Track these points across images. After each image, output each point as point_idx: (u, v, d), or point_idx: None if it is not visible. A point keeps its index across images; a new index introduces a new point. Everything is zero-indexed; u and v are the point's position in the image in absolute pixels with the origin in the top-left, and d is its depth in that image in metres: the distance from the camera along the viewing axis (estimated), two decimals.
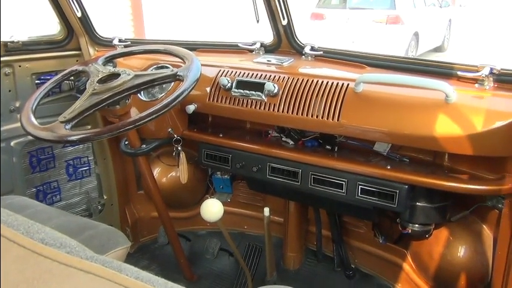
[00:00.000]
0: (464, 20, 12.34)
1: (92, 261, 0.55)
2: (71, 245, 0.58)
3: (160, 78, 1.57)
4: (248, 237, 2.49)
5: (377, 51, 1.93)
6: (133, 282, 0.52)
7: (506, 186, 1.48)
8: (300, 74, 1.77)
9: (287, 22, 1.91)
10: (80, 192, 2.48)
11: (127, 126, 1.41)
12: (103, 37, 2.30)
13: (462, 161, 1.63)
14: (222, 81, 1.82)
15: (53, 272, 0.51)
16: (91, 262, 0.55)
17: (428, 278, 1.91)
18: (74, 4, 2.13)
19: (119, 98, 1.54)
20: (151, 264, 2.43)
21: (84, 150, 2.44)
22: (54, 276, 0.51)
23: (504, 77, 1.50)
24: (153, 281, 0.54)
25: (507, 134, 1.41)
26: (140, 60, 2.09)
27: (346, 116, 1.61)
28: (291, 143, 1.86)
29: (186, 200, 2.45)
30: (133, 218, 2.55)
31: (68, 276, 0.51)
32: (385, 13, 8.62)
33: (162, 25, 8.40)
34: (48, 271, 0.51)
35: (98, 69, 1.65)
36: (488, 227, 1.75)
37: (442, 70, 1.63)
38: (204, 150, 1.99)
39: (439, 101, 1.47)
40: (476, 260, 1.74)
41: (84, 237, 1.55)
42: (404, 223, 1.76)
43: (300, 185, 1.78)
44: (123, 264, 0.56)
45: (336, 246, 2.22)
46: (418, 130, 1.49)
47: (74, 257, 0.55)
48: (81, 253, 0.57)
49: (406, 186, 1.60)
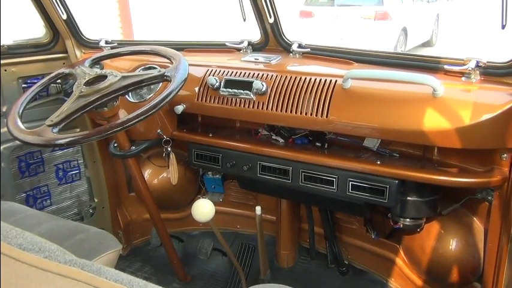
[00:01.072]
0: (451, 14, 12.41)
1: (71, 265, 0.54)
2: (51, 249, 0.57)
3: (147, 79, 1.56)
4: (241, 236, 2.48)
5: (366, 47, 1.94)
6: (111, 285, 0.52)
7: (495, 179, 1.49)
8: (287, 71, 1.77)
9: (274, 20, 1.91)
10: (70, 196, 2.46)
11: (115, 128, 1.40)
12: (89, 39, 2.29)
13: (451, 154, 1.64)
14: (210, 80, 1.81)
15: (30, 278, 0.51)
16: (69, 266, 0.54)
17: (420, 272, 1.92)
18: (59, 6, 2.11)
19: (106, 100, 1.52)
20: (144, 266, 2.42)
21: (73, 154, 2.42)
22: (31, 281, 0.50)
23: (490, 70, 1.51)
24: (133, 283, 0.54)
25: (494, 127, 1.42)
26: (128, 61, 2.08)
27: (334, 112, 1.61)
28: (281, 141, 1.86)
29: (177, 200, 2.45)
30: (125, 221, 2.53)
31: (45, 281, 0.51)
32: (373, 9, 8.64)
33: (151, 26, 8.36)
34: (26, 276, 0.51)
35: (85, 71, 1.63)
36: (478, 220, 1.76)
37: (429, 64, 1.64)
38: (194, 150, 1.98)
39: (427, 96, 1.48)
40: (467, 252, 1.75)
41: (74, 241, 1.54)
42: (396, 218, 1.77)
43: (290, 183, 1.78)
44: (103, 267, 0.55)
45: (329, 243, 2.22)
46: (407, 125, 1.49)
47: (51, 262, 0.54)
48: (60, 257, 0.56)
49: (396, 181, 1.60)
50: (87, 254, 1.47)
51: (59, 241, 1.52)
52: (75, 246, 1.50)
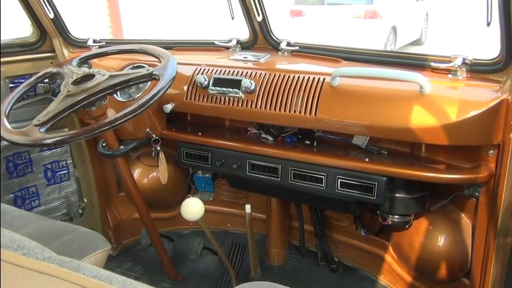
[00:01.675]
0: (441, 12, 12.49)
1: (49, 262, 0.54)
2: (30, 247, 0.57)
3: (135, 78, 1.55)
4: (232, 235, 2.48)
5: (356, 45, 1.94)
6: (89, 280, 0.51)
7: (481, 175, 1.50)
8: (276, 69, 1.77)
9: (262, 18, 1.91)
10: (59, 197, 2.45)
11: (103, 127, 1.39)
12: (77, 38, 2.27)
13: (439, 151, 1.66)
14: (199, 79, 1.81)
15: (8, 275, 0.50)
16: (47, 263, 0.54)
17: (409, 268, 1.94)
18: (46, 5, 2.10)
19: (94, 99, 1.52)
20: (134, 266, 2.41)
21: (62, 154, 2.40)
22: (9, 278, 0.50)
23: (476, 67, 1.52)
24: (111, 279, 0.54)
25: (481, 124, 1.43)
26: (116, 60, 2.07)
27: (323, 110, 1.61)
28: (270, 139, 1.86)
29: (168, 200, 2.44)
30: (115, 221, 2.52)
31: (22, 278, 0.50)
32: (363, 8, 8.69)
33: (141, 25, 8.33)
34: (4, 274, 0.50)
35: (73, 70, 1.62)
36: (466, 216, 1.78)
37: (416, 62, 1.65)
38: (183, 149, 1.98)
39: (414, 93, 1.49)
40: (455, 248, 1.77)
41: (63, 241, 1.53)
42: (385, 215, 1.78)
43: (280, 181, 1.78)
44: (82, 264, 0.55)
45: (319, 241, 2.23)
46: (395, 122, 1.50)
47: (29, 259, 0.53)
48: (39, 254, 0.56)
49: (385, 178, 1.61)
50: (76, 254, 1.46)
51: (47, 241, 1.51)
52: (63, 246, 1.49)
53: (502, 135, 1.43)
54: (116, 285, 0.53)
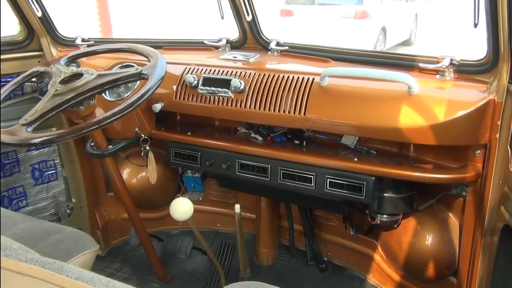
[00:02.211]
0: (430, 13, 12.58)
1: (32, 263, 0.53)
2: (12, 248, 0.56)
3: (124, 77, 1.54)
4: (221, 235, 2.48)
5: (346, 46, 1.95)
6: (72, 282, 0.51)
7: (469, 174, 1.52)
8: (266, 69, 1.77)
9: (252, 18, 1.91)
10: (47, 197, 2.42)
11: (91, 126, 1.38)
12: (65, 37, 2.25)
13: (427, 151, 1.67)
14: (188, 78, 1.80)
15: None
16: (29, 264, 0.53)
17: (398, 267, 1.95)
18: (34, 4, 2.07)
19: (82, 99, 1.50)
20: (123, 266, 2.40)
21: (50, 154, 2.38)
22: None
23: (464, 68, 1.53)
24: (95, 280, 0.53)
25: (468, 124, 1.45)
26: (105, 59, 2.05)
27: (312, 110, 1.62)
28: (259, 139, 1.86)
29: (157, 200, 2.43)
30: (104, 221, 2.51)
31: (4, 280, 0.50)
32: (353, 8, 8.72)
33: (131, 24, 8.28)
34: None
35: (60, 69, 1.61)
36: (454, 215, 1.79)
37: (405, 62, 1.66)
38: (172, 149, 1.97)
39: (402, 93, 1.50)
40: (443, 247, 1.78)
41: (50, 241, 1.51)
42: (373, 214, 1.79)
43: (269, 181, 1.78)
44: (66, 265, 0.55)
45: (308, 240, 2.24)
46: (383, 122, 1.51)
47: (11, 260, 0.53)
48: (22, 255, 0.55)
49: (373, 178, 1.62)
50: (63, 254, 1.45)
51: (34, 242, 1.50)
52: (51, 247, 1.47)
53: (488, 136, 1.44)
54: (99, 286, 0.53)
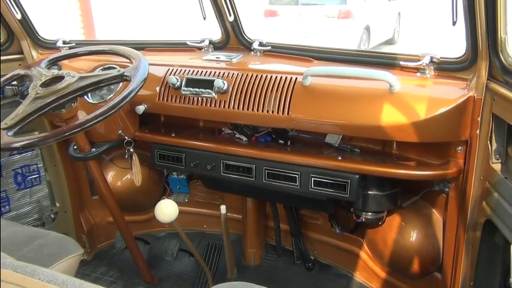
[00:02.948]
0: (412, 11, 12.70)
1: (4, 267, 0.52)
2: None
3: (106, 80, 1.53)
4: (208, 236, 2.48)
5: (329, 45, 1.96)
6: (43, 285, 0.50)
7: (451, 171, 1.54)
8: (249, 69, 1.78)
9: (234, 18, 1.91)
10: (30, 201, 2.39)
11: (73, 129, 1.37)
12: (46, 39, 2.22)
13: (409, 148, 1.69)
14: (171, 80, 1.80)
15: None
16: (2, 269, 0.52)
17: (383, 264, 1.96)
18: (13, 6, 2.05)
19: (63, 102, 1.49)
20: (109, 270, 2.38)
21: (32, 158, 2.35)
22: None
23: (444, 65, 1.55)
24: (68, 282, 0.53)
25: (449, 120, 1.47)
26: (87, 62, 2.04)
27: (295, 109, 1.62)
28: (244, 139, 1.86)
29: (142, 202, 2.41)
30: (89, 225, 2.48)
31: None
32: (337, 8, 8.77)
33: (115, 26, 8.21)
34: None
35: (41, 72, 1.59)
36: (437, 211, 1.81)
37: (386, 61, 1.68)
38: (156, 150, 1.96)
39: (384, 91, 1.51)
40: (427, 243, 1.80)
41: (33, 247, 1.50)
42: (358, 212, 1.80)
43: (254, 181, 1.78)
44: (38, 269, 0.54)
45: (295, 240, 2.24)
46: (366, 120, 1.53)
47: None
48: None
49: (357, 176, 1.63)
50: (47, 259, 1.43)
51: (17, 248, 1.48)
52: (34, 252, 1.46)
53: (469, 132, 1.46)
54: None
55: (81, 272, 2.33)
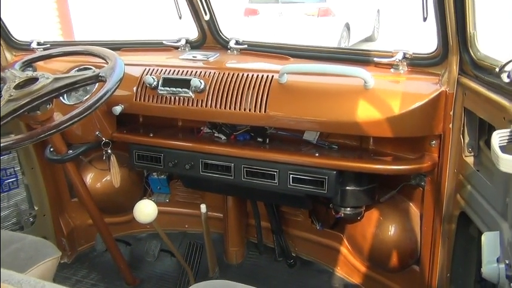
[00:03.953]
0: (391, 8, 12.82)
1: None
2: None
3: (81, 80, 1.52)
4: (190, 235, 2.47)
5: (308, 43, 1.97)
6: None
7: (425, 164, 1.57)
8: (225, 68, 1.78)
9: (210, 17, 1.91)
10: (8, 206, 2.35)
11: (48, 131, 1.36)
12: (20, 41, 2.19)
13: (386, 143, 1.71)
14: (148, 79, 1.79)
15: None
16: None
17: (363, 259, 1.99)
18: None
19: (38, 103, 1.47)
20: (90, 273, 2.35)
21: (9, 161, 2.31)
22: None
23: (416, 61, 1.58)
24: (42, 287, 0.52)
25: (422, 115, 1.50)
26: (63, 63, 2.01)
27: (273, 107, 1.63)
28: (223, 138, 1.86)
29: (123, 204, 2.39)
30: (69, 227, 2.45)
31: None
32: (316, 6, 8.80)
33: (94, 26, 8.11)
34: None
35: (15, 74, 1.57)
36: (414, 205, 1.84)
37: (360, 57, 1.70)
38: (135, 151, 1.95)
39: (359, 88, 1.53)
40: (405, 237, 1.83)
41: (10, 251, 1.48)
42: (337, 208, 1.82)
43: (233, 179, 1.79)
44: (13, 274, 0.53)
45: (276, 237, 2.25)
46: (342, 117, 1.54)
47: None
48: None
49: (335, 172, 1.65)
50: (24, 264, 1.42)
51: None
52: (10, 256, 1.44)
53: (442, 126, 1.49)
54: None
55: (61, 276, 2.31)
